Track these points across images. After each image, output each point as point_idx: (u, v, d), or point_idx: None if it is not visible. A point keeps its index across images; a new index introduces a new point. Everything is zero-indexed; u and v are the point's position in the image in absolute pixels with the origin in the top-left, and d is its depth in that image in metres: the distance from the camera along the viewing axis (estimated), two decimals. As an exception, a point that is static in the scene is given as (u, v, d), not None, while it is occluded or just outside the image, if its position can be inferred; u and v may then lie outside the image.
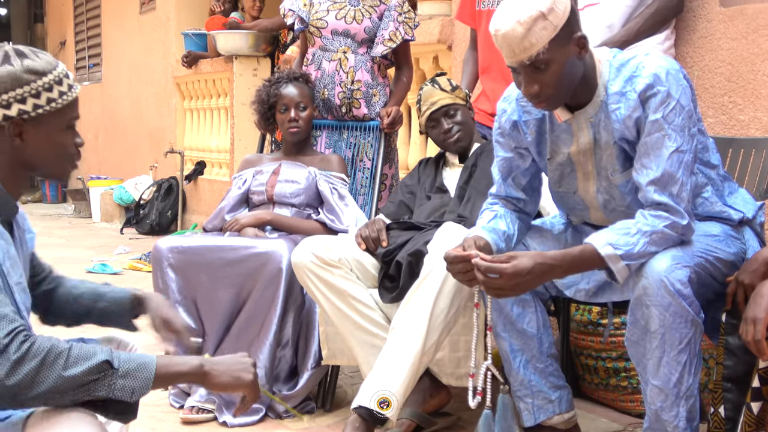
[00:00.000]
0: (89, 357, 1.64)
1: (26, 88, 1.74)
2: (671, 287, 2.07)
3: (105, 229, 8.73)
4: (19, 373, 1.59)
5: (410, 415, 2.82)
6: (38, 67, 1.76)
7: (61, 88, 1.79)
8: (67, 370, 1.61)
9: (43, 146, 1.80)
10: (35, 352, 1.61)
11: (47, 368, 1.61)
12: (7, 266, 1.74)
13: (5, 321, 1.62)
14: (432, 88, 3.14)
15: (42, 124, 1.77)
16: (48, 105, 1.76)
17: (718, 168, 2.39)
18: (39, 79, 1.75)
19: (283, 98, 3.50)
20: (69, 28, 12.05)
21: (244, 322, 3.09)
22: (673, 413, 2.16)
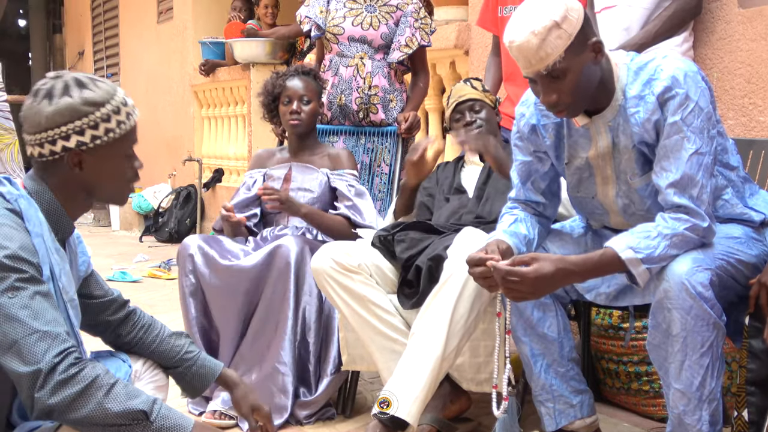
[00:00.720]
0: (129, 399, 1.66)
1: (84, 120, 1.77)
2: (693, 290, 2.05)
3: (124, 237, 8.77)
4: (60, 394, 1.62)
5: (431, 420, 2.81)
6: (96, 99, 1.79)
7: (119, 117, 1.82)
8: (104, 405, 1.64)
9: (102, 174, 1.84)
10: (81, 378, 1.64)
11: (87, 397, 1.63)
12: (63, 282, 1.77)
13: (58, 340, 1.64)
14: (463, 85, 3.20)
15: (100, 153, 1.81)
16: (106, 135, 1.80)
17: (738, 170, 2.37)
18: (97, 110, 1.78)
19: (288, 90, 3.47)
20: (87, 38, 12.12)
21: (259, 323, 3.10)
22: (696, 417, 2.14)
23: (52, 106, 1.76)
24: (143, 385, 2.07)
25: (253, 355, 3.10)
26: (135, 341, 2.11)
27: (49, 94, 1.78)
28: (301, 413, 3.06)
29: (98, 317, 2.07)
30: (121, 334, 2.10)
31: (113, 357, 2.06)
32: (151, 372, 2.11)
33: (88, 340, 2.16)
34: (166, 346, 2.12)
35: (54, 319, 1.67)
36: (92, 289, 2.06)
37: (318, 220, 3.35)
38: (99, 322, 2.08)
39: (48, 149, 1.78)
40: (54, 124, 1.76)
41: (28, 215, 1.75)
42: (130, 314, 2.12)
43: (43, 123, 1.76)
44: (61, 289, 1.77)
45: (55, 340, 1.64)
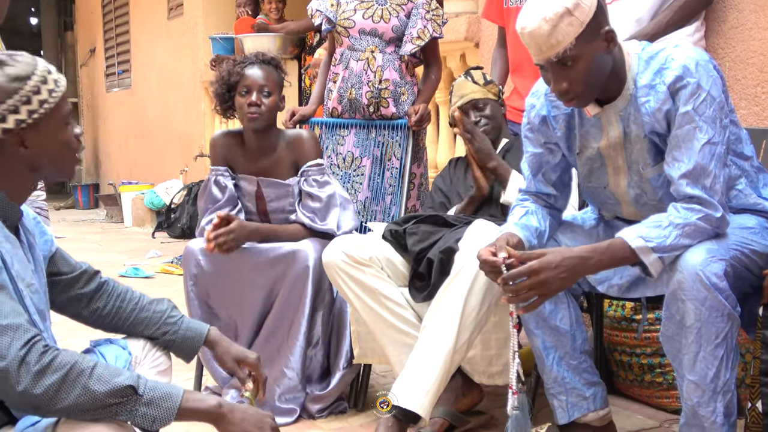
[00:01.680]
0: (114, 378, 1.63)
1: (15, 98, 1.71)
2: (707, 281, 2.04)
3: (137, 233, 8.80)
4: (42, 385, 1.59)
5: (443, 413, 2.80)
6: (20, 73, 1.72)
7: (48, 86, 1.75)
8: (90, 387, 1.61)
9: (48, 148, 1.78)
10: (57, 366, 1.60)
11: (70, 383, 1.60)
12: (16, 269, 1.74)
13: (20, 331, 1.61)
14: (464, 80, 3.14)
15: (40, 127, 1.75)
16: (41, 107, 1.73)
17: (752, 159, 2.35)
18: (25, 84, 1.72)
19: (246, 79, 3.14)
20: (98, 36, 12.17)
21: (273, 324, 3.09)
22: (711, 409, 2.13)
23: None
24: (145, 370, 2.05)
25: (263, 357, 3.08)
26: (113, 312, 2.06)
27: None
28: (313, 407, 3.06)
29: (70, 292, 2.03)
30: (98, 307, 2.06)
31: (112, 344, 2.04)
32: (153, 356, 2.09)
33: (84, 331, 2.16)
34: (147, 312, 2.08)
35: (12, 310, 1.62)
36: (59, 266, 2.01)
37: (275, 237, 3.15)
38: (72, 299, 2.04)
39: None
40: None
41: None
42: (102, 285, 2.08)
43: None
44: (16, 277, 1.72)
45: (17, 331, 1.60)
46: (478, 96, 3.10)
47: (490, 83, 3.14)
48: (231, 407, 1.76)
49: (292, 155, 3.22)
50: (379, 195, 3.68)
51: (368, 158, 3.68)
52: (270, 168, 3.23)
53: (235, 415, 1.75)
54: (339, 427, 2.99)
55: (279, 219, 3.26)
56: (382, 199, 3.68)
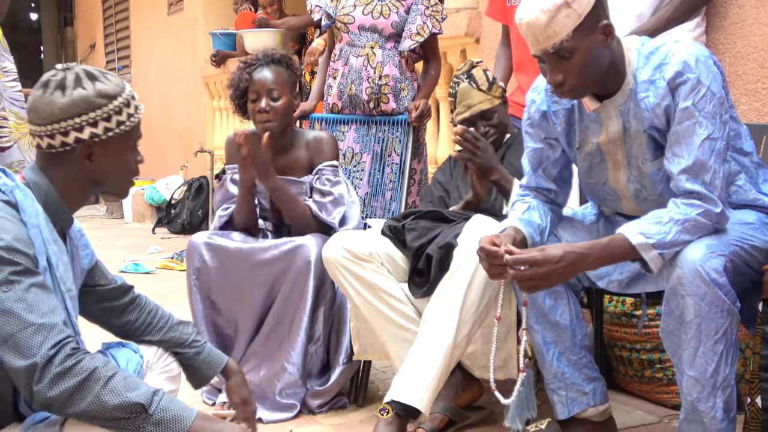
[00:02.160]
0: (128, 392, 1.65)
1: (98, 112, 1.79)
2: (706, 276, 2.04)
3: (137, 229, 8.81)
4: (58, 387, 1.61)
5: (443, 409, 2.81)
6: (109, 91, 1.80)
7: (129, 110, 1.83)
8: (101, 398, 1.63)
9: (111, 166, 1.86)
10: (78, 371, 1.63)
11: (84, 391, 1.63)
12: (60, 271, 1.78)
13: (54, 331, 1.64)
14: (469, 87, 3.04)
15: (111, 146, 1.83)
16: (118, 128, 1.81)
17: (752, 155, 2.35)
18: (110, 102, 1.80)
19: (254, 84, 3.09)
20: (98, 31, 12.16)
21: (274, 320, 3.09)
22: (710, 404, 2.13)
23: (66, 97, 1.77)
24: (155, 375, 2.08)
25: (264, 352, 3.10)
26: (144, 326, 2.12)
27: (62, 85, 1.78)
28: (313, 402, 3.06)
29: (104, 304, 2.08)
30: (130, 320, 2.11)
31: (124, 347, 2.07)
32: (164, 362, 2.12)
33: (99, 333, 2.18)
34: (175, 332, 2.14)
35: (51, 310, 1.66)
36: (97, 279, 2.07)
37: (284, 198, 3.14)
38: (105, 309, 2.09)
39: (59, 140, 1.79)
40: (68, 116, 1.77)
41: (24, 206, 1.75)
42: (135, 299, 2.14)
43: (57, 114, 1.77)
44: (59, 279, 1.77)
45: (51, 331, 1.64)
46: (486, 107, 3.03)
47: (494, 84, 3.06)
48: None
49: (310, 155, 3.24)
50: (379, 191, 3.68)
51: (368, 154, 3.68)
52: (285, 167, 3.24)
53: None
54: (339, 423, 2.99)
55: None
56: (382, 195, 3.68)
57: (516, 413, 2.49)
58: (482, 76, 3.07)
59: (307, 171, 3.24)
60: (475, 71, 3.09)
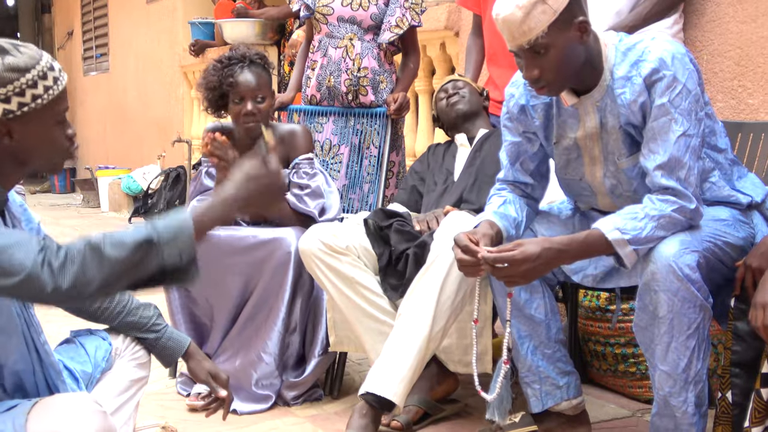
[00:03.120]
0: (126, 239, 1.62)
1: (9, 87, 1.69)
2: (680, 272, 2.06)
3: (113, 218, 8.75)
4: (68, 276, 1.58)
5: (418, 401, 2.81)
6: (21, 64, 1.71)
7: (47, 83, 1.74)
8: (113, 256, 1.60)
9: (34, 142, 1.76)
10: (74, 254, 1.60)
11: (92, 263, 1.59)
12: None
13: (32, 242, 1.60)
14: (451, 76, 3.35)
15: (30, 121, 1.73)
16: (33, 102, 1.72)
17: (726, 152, 2.37)
18: (22, 76, 1.70)
19: (239, 86, 3.09)
20: (76, 19, 12.05)
21: (252, 310, 3.09)
22: (682, 398, 2.15)
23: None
24: (125, 362, 2.06)
25: (240, 341, 3.09)
26: (99, 311, 2.07)
27: None
28: (288, 394, 3.06)
29: None
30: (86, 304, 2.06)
31: (93, 335, 2.04)
32: (132, 349, 2.10)
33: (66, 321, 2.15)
34: (134, 317, 2.10)
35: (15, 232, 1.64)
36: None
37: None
38: None
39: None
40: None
41: None
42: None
43: None
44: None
45: (29, 242, 1.60)
46: (461, 80, 3.27)
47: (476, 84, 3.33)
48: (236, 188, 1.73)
49: (285, 149, 3.23)
50: (357, 183, 3.68)
51: (346, 146, 3.68)
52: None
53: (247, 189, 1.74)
54: (314, 414, 2.99)
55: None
56: (359, 188, 3.68)
57: (496, 406, 2.51)
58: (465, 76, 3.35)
59: (283, 163, 3.23)
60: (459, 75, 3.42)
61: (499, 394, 2.41)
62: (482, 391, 2.36)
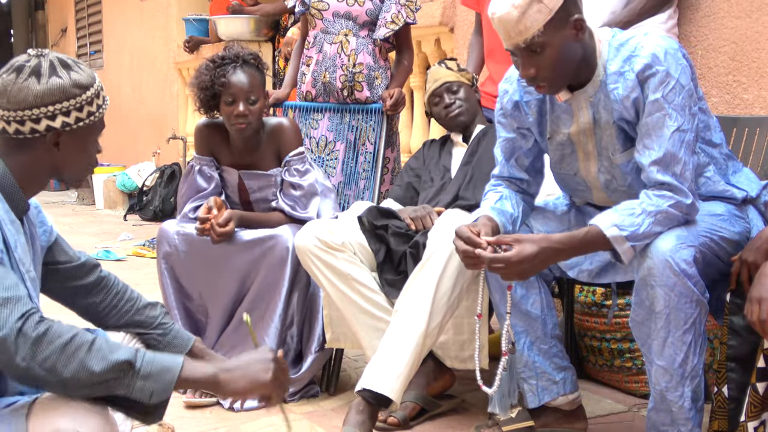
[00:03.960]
0: (111, 353, 1.64)
1: (72, 102, 1.79)
2: (676, 267, 2.06)
3: (108, 215, 8.73)
4: (40, 355, 1.60)
5: (414, 397, 2.82)
6: (83, 81, 1.80)
7: (99, 102, 1.84)
8: (87, 363, 1.62)
9: (74, 156, 1.85)
10: (54, 335, 1.61)
11: (68, 357, 1.61)
12: (19, 252, 1.76)
13: (19, 304, 1.63)
14: (438, 68, 3.19)
15: (78, 136, 1.83)
16: (88, 118, 1.82)
17: (721, 146, 2.37)
18: (83, 93, 1.80)
19: (231, 87, 3.06)
20: (70, 15, 12.02)
21: (248, 306, 3.09)
22: (678, 393, 2.16)
23: (42, 85, 1.76)
24: None
25: (237, 337, 3.09)
26: (109, 309, 2.08)
27: (37, 72, 1.77)
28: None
29: (68, 283, 2.04)
30: (95, 302, 2.07)
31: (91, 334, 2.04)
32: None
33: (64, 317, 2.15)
34: (141, 316, 2.11)
35: (13, 284, 1.64)
36: (57, 256, 2.02)
37: (258, 224, 3.16)
38: (70, 289, 2.05)
39: (29, 127, 1.78)
40: (41, 103, 1.76)
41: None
42: (102, 280, 2.09)
43: (31, 101, 1.76)
44: (18, 260, 1.75)
45: (17, 303, 1.62)
46: (452, 79, 3.14)
47: (464, 71, 3.19)
48: (227, 369, 1.73)
49: (275, 145, 3.22)
50: (353, 179, 3.68)
51: (342, 142, 3.67)
52: (254, 162, 3.24)
53: (233, 375, 1.74)
54: (310, 411, 2.99)
55: (262, 208, 3.27)
56: (355, 184, 3.68)
57: (498, 399, 2.52)
58: (453, 63, 3.21)
59: (274, 161, 3.24)
60: (447, 60, 3.22)
61: (500, 387, 2.41)
62: (484, 386, 2.37)
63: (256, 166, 3.23)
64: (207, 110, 3.21)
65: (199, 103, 3.20)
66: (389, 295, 2.80)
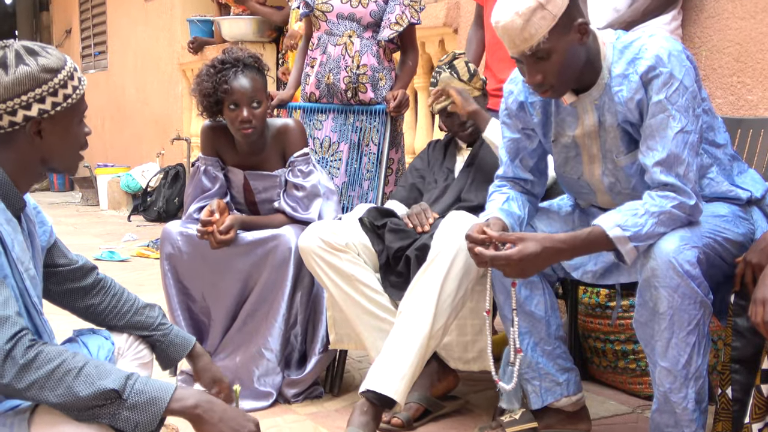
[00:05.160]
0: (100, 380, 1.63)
1: (44, 87, 1.74)
2: (680, 268, 2.06)
3: (112, 216, 8.74)
4: (27, 379, 1.60)
5: (418, 399, 2.82)
6: (53, 65, 1.76)
7: (74, 83, 1.80)
8: (73, 389, 1.61)
9: (60, 141, 1.82)
10: (43, 361, 1.61)
11: (55, 382, 1.61)
12: (17, 252, 1.75)
13: (8, 324, 1.61)
14: (450, 78, 3.06)
15: (59, 120, 1.79)
16: (65, 101, 1.78)
17: (725, 147, 2.37)
18: (54, 76, 1.76)
19: (234, 93, 3.04)
20: (74, 16, 12.03)
21: (252, 307, 3.09)
22: (682, 395, 2.16)
23: (9, 76, 1.72)
24: (127, 362, 2.06)
25: (241, 338, 3.09)
26: (108, 310, 2.08)
27: (3, 63, 1.73)
28: (289, 392, 3.06)
29: (66, 285, 2.04)
30: (93, 304, 2.07)
31: (95, 334, 2.05)
32: (135, 348, 2.10)
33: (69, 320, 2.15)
34: (141, 316, 2.11)
35: (3, 302, 1.63)
36: (56, 258, 2.02)
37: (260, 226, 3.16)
38: (67, 291, 2.05)
39: (7, 120, 1.74)
40: (14, 94, 1.72)
41: None
42: (100, 282, 2.09)
43: (2, 93, 1.72)
44: (16, 260, 1.74)
45: (5, 324, 1.61)
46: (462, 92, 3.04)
47: (475, 76, 3.08)
48: (210, 407, 1.74)
49: (280, 146, 3.22)
50: (357, 180, 3.68)
51: (346, 143, 3.68)
52: (259, 162, 3.24)
53: (212, 415, 1.74)
54: (314, 412, 2.99)
55: (267, 209, 3.27)
56: (359, 185, 3.68)
57: (512, 394, 2.53)
58: (464, 68, 3.09)
59: (279, 161, 3.24)
60: (456, 62, 3.10)
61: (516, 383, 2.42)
62: (500, 381, 2.38)
63: (261, 166, 3.24)
64: (211, 115, 3.20)
65: (203, 109, 3.19)
66: (392, 296, 2.80)
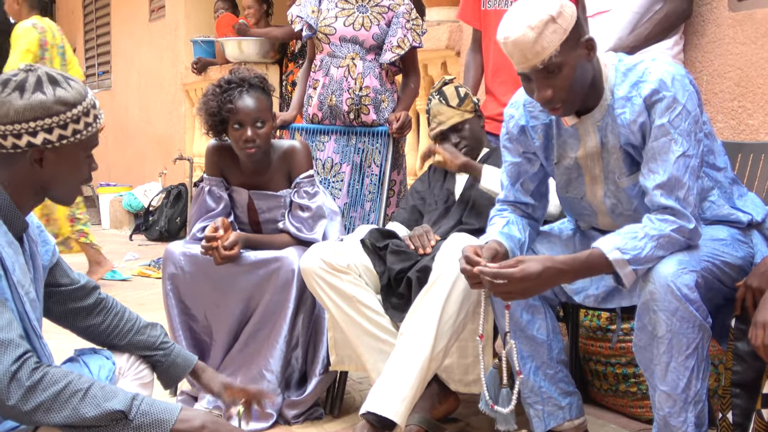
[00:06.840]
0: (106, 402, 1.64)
1: (55, 119, 1.74)
2: (678, 292, 2.06)
3: (114, 235, 8.74)
4: (32, 402, 1.60)
5: (419, 421, 2.81)
6: (69, 98, 1.76)
7: (88, 120, 1.79)
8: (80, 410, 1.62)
9: (61, 174, 1.81)
10: (49, 383, 1.61)
11: (61, 404, 1.62)
12: (18, 275, 1.75)
13: (11, 347, 1.62)
14: (439, 104, 3.10)
15: (63, 153, 1.79)
16: (73, 136, 1.77)
17: (726, 170, 2.38)
18: (69, 110, 1.76)
19: (238, 113, 3.05)
20: (79, 36, 12.09)
21: (254, 327, 3.09)
22: (682, 419, 2.15)
23: (23, 100, 1.73)
24: (128, 381, 2.07)
25: (242, 358, 3.09)
26: (110, 330, 2.08)
27: (21, 86, 1.74)
28: (289, 413, 3.06)
29: (68, 305, 2.04)
30: (95, 323, 2.08)
31: (96, 354, 2.05)
32: (136, 369, 2.10)
33: (71, 339, 2.15)
34: (142, 336, 2.11)
35: (6, 325, 1.64)
36: (58, 278, 2.03)
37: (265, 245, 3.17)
38: (69, 311, 2.05)
39: (11, 142, 1.74)
40: (23, 119, 1.73)
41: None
42: (101, 302, 2.09)
43: (11, 115, 1.72)
44: (16, 283, 1.74)
45: (9, 346, 1.61)
46: (456, 121, 3.09)
47: (465, 99, 3.10)
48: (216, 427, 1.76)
49: (286, 167, 3.23)
50: (359, 202, 3.69)
51: (348, 165, 3.69)
52: (264, 183, 3.24)
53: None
54: (315, 434, 2.99)
55: (271, 229, 3.28)
56: (361, 206, 3.69)
57: (510, 415, 2.51)
58: (453, 93, 3.11)
59: (284, 182, 3.25)
60: (446, 88, 3.13)
61: (503, 403, 2.40)
62: (495, 405, 2.36)
63: (266, 186, 3.25)
64: (215, 134, 3.21)
65: (208, 128, 3.19)
66: (393, 318, 2.81)
